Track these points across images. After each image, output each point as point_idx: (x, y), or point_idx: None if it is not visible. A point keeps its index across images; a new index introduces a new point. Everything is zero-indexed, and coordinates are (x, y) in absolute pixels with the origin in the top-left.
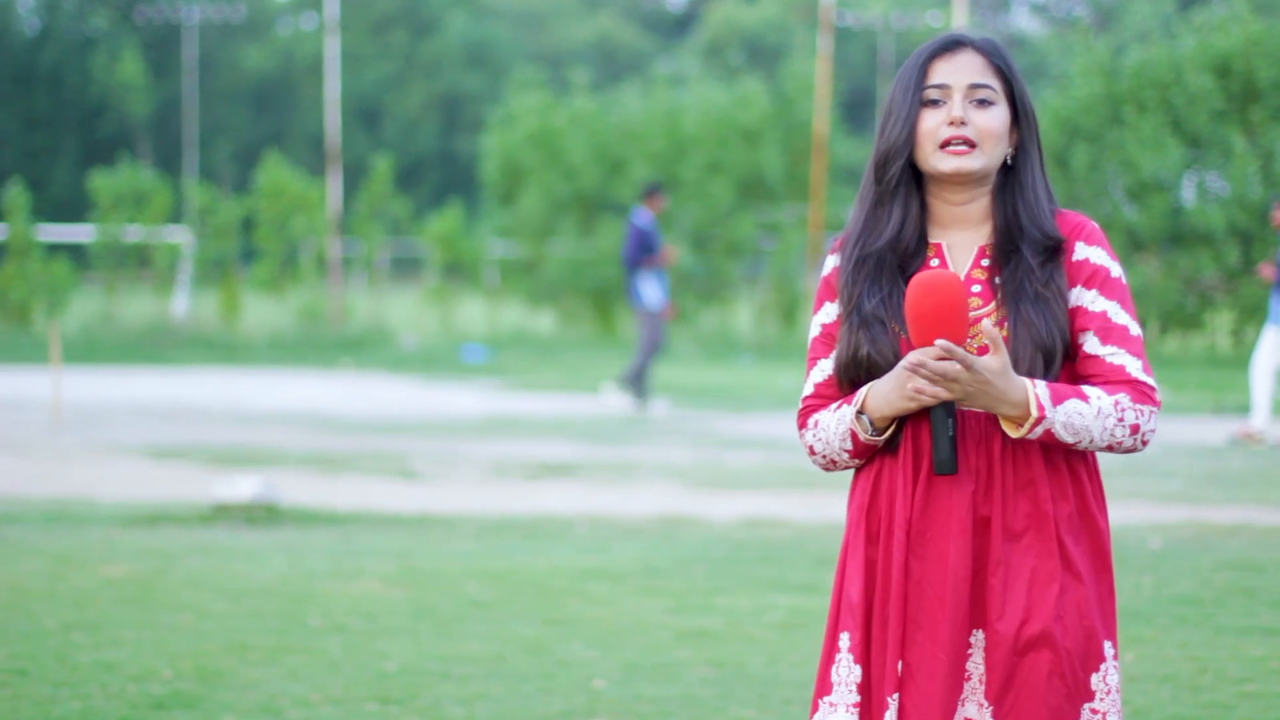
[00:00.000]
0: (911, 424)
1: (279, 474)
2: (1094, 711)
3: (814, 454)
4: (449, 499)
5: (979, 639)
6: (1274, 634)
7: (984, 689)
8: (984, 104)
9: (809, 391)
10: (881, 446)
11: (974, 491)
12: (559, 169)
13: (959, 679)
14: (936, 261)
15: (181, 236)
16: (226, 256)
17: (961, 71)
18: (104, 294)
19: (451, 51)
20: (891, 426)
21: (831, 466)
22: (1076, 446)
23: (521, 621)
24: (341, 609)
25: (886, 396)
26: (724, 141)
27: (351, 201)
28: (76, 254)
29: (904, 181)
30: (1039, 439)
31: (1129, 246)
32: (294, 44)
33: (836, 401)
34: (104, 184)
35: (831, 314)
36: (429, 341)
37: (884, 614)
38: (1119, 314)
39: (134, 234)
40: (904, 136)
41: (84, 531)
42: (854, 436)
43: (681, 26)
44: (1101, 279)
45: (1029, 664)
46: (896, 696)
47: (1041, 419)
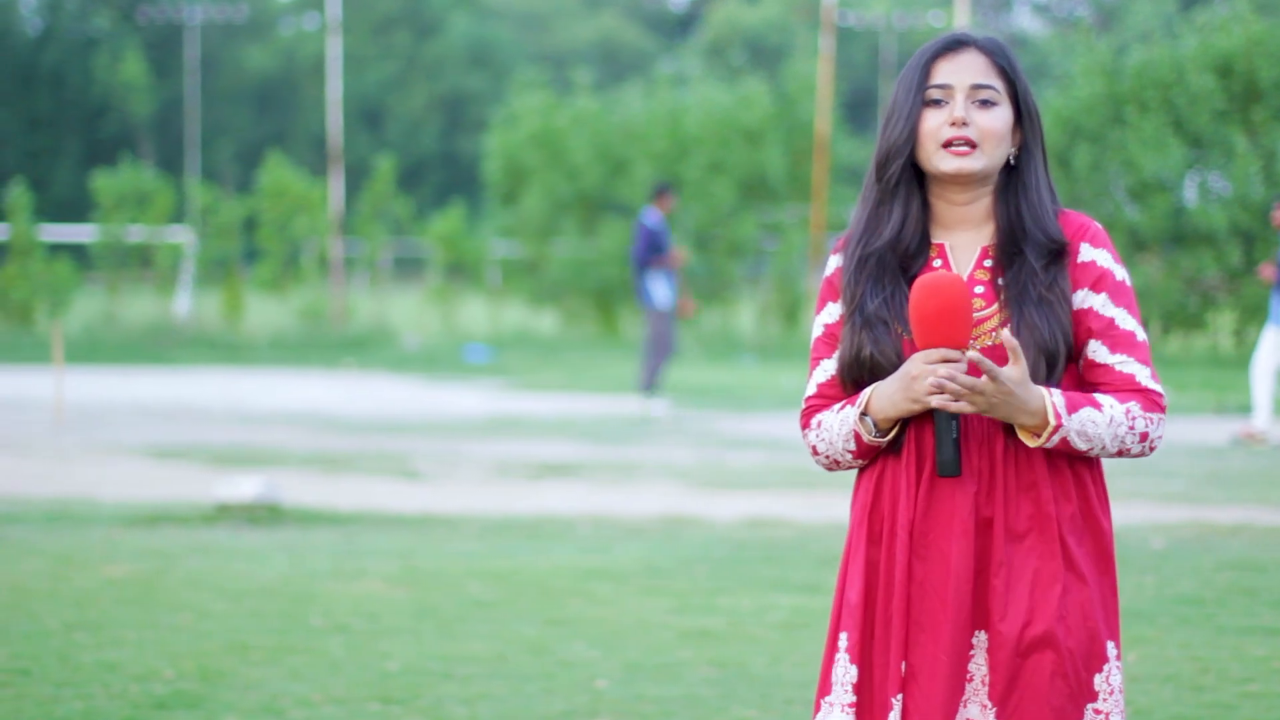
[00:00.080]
0: (915, 425)
1: (281, 474)
2: (1097, 712)
3: (817, 454)
4: (451, 499)
5: (981, 640)
6: (1276, 634)
7: (987, 690)
8: (986, 104)
9: (812, 392)
10: (885, 447)
11: (976, 493)
12: (561, 169)
13: (961, 680)
14: (939, 262)
15: (184, 236)
16: (229, 256)
17: (964, 71)
18: (106, 294)
19: (454, 52)
20: (895, 428)
21: (834, 467)
22: (1088, 454)
23: (524, 621)
24: (343, 609)
25: (891, 398)
26: (726, 141)
27: (354, 202)
28: (79, 254)
29: (905, 181)
30: (1053, 446)
31: (1131, 247)
32: (296, 44)
33: (840, 402)
34: (106, 184)
35: (834, 314)
36: (431, 341)
37: (886, 615)
38: (1127, 320)
39: (136, 234)
40: (905, 136)
41: (86, 531)
42: (857, 437)
43: (683, 27)
44: (1109, 283)
45: (1032, 665)
46: (900, 697)
47: (1059, 427)
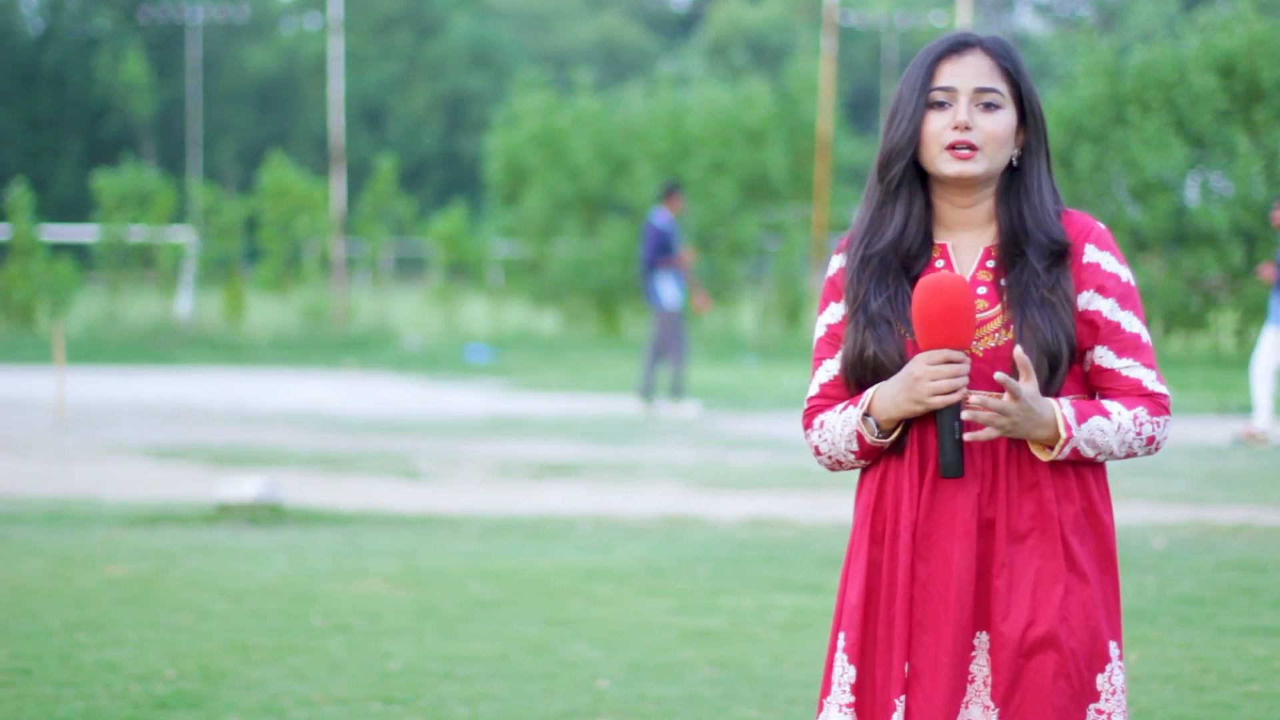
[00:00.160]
0: (917, 426)
1: (282, 474)
2: (1099, 712)
3: (820, 454)
4: (452, 499)
5: (983, 641)
6: (1277, 634)
7: (989, 691)
8: (990, 107)
9: (814, 392)
10: (887, 448)
11: (979, 494)
12: (563, 169)
13: (962, 681)
14: (941, 263)
15: (185, 236)
16: (230, 256)
17: (969, 74)
18: (108, 294)
19: (455, 52)
20: (898, 428)
21: (837, 467)
22: (1095, 460)
23: (525, 621)
24: (345, 609)
25: (894, 399)
26: (728, 141)
27: (355, 201)
28: (80, 254)
29: (907, 182)
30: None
31: (1133, 246)
32: (298, 44)
33: (842, 403)
34: (108, 184)
35: (837, 314)
36: (433, 341)
37: (889, 615)
38: (1133, 323)
39: (138, 234)
40: (908, 137)
41: (87, 531)
42: (860, 438)
43: (685, 26)
44: (1115, 287)
45: (1035, 666)
46: (904, 698)
47: (1070, 438)
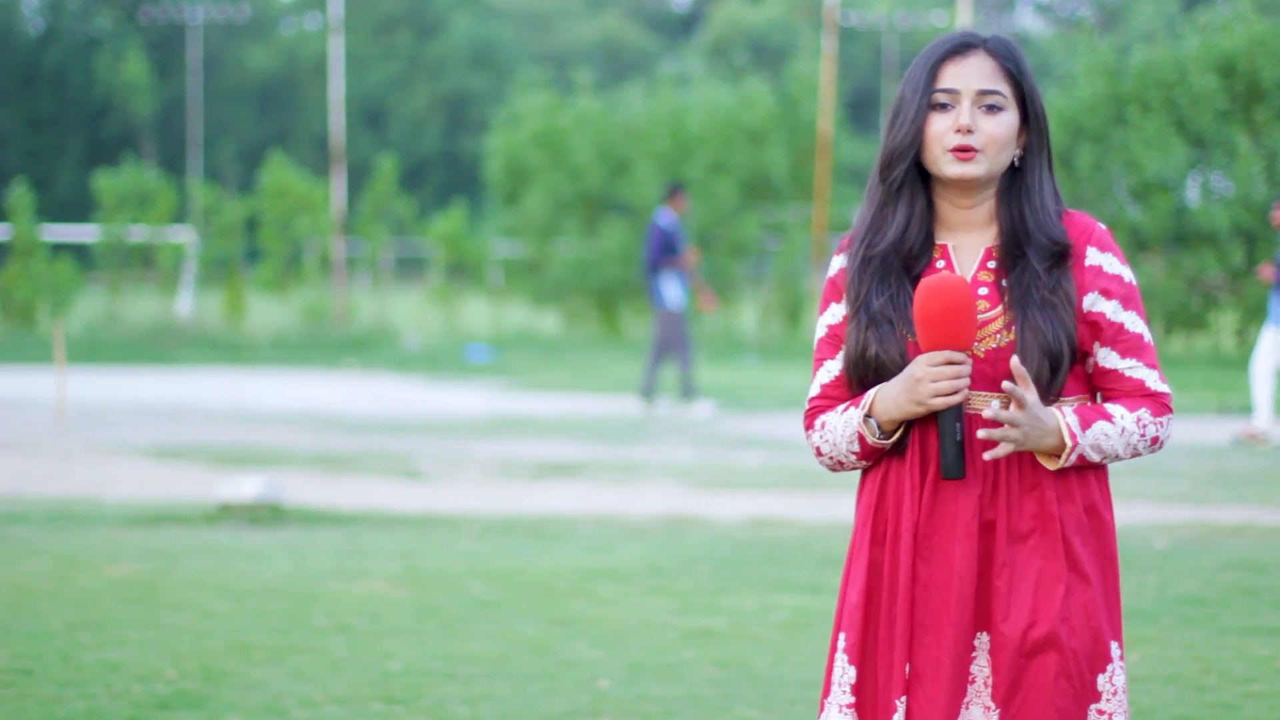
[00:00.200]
0: (919, 427)
1: (283, 474)
2: (1101, 712)
3: (821, 455)
4: (453, 499)
5: (983, 641)
6: (1278, 634)
7: (989, 691)
8: (992, 109)
9: (815, 393)
10: (889, 449)
11: (980, 494)
12: (563, 169)
13: (963, 681)
14: (942, 263)
15: (186, 236)
16: (231, 256)
17: (972, 76)
18: (108, 294)
19: (456, 52)
20: (899, 430)
21: (839, 467)
22: (1101, 463)
23: (526, 621)
24: (346, 609)
25: (895, 400)
26: (729, 142)
27: (356, 201)
28: (81, 254)
29: (909, 182)
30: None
31: (1133, 247)
32: (298, 44)
33: (844, 403)
34: (108, 184)
35: (838, 315)
36: (433, 341)
37: (890, 616)
38: (1136, 323)
39: (138, 234)
40: (910, 139)
41: (88, 531)
42: (861, 439)
43: (686, 27)
44: (1118, 289)
45: (1036, 666)
46: (905, 699)
47: (1075, 446)
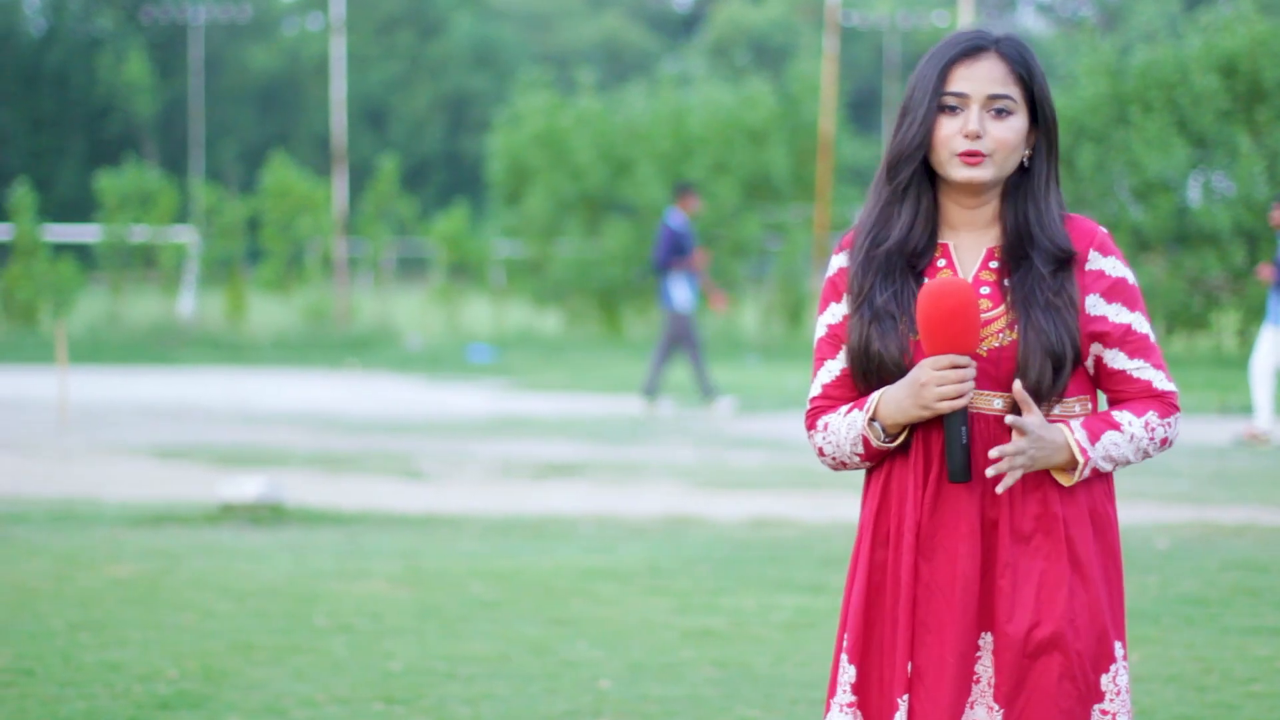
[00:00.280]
0: (922, 427)
1: (284, 474)
2: (1104, 713)
3: (823, 455)
4: (455, 499)
5: (987, 641)
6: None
7: (993, 692)
8: (1001, 113)
9: (817, 393)
10: (893, 449)
11: (983, 494)
12: (565, 169)
13: (967, 681)
14: (944, 262)
15: (187, 236)
16: (232, 256)
17: (982, 81)
18: (110, 294)
19: (457, 52)
20: (904, 432)
21: (841, 467)
22: (1113, 470)
23: (527, 621)
24: (347, 609)
25: (900, 404)
26: (730, 142)
27: (357, 201)
28: (82, 254)
29: (916, 182)
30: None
31: (1135, 246)
32: (300, 44)
33: (847, 404)
34: (110, 184)
35: (837, 315)
36: (434, 341)
37: (893, 615)
38: (1141, 324)
39: (140, 234)
40: (919, 141)
41: (90, 531)
42: (866, 442)
43: (687, 26)
44: (1122, 291)
45: (1040, 667)
46: (907, 698)
47: (1087, 461)
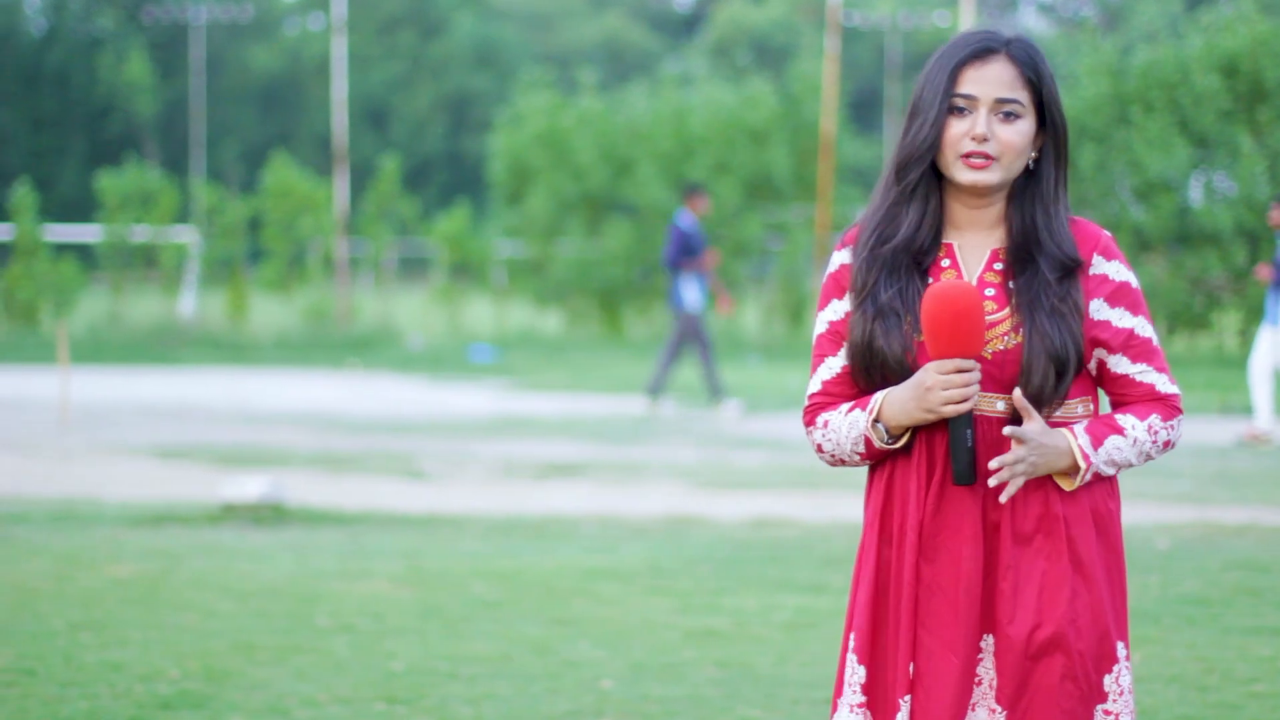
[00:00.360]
0: (925, 429)
1: (286, 474)
2: (1107, 713)
3: (822, 452)
4: (456, 499)
5: (989, 644)
6: None
7: (995, 693)
8: (1009, 117)
9: (816, 389)
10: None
11: (986, 495)
12: (566, 169)
13: (969, 683)
14: (947, 262)
15: (188, 236)
16: (234, 256)
17: (991, 84)
18: (111, 294)
19: (459, 52)
20: (907, 434)
21: (839, 464)
22: (1115, 473)
23: (529, 621)
24: (349, 609)
25: (904, 407)
26: (731, 142)
27: (359, 202)
28: (83, 254)
29: (924, 182)
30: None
31: (1136, 247)
32: (301, 44)
33: (847, 402)
34: (111, 184)
35: (839, 311)
36: (436, 341)
37: (896, 616)
38: (1144, 327)
39: (141, 234)
40: (929, 143)
41: (91, 531)
42: (868, 442)
43: (689, 27)
44: (1125, 295)
45: (1043, 668)
46: (909, 699)
47: (1090, 466)
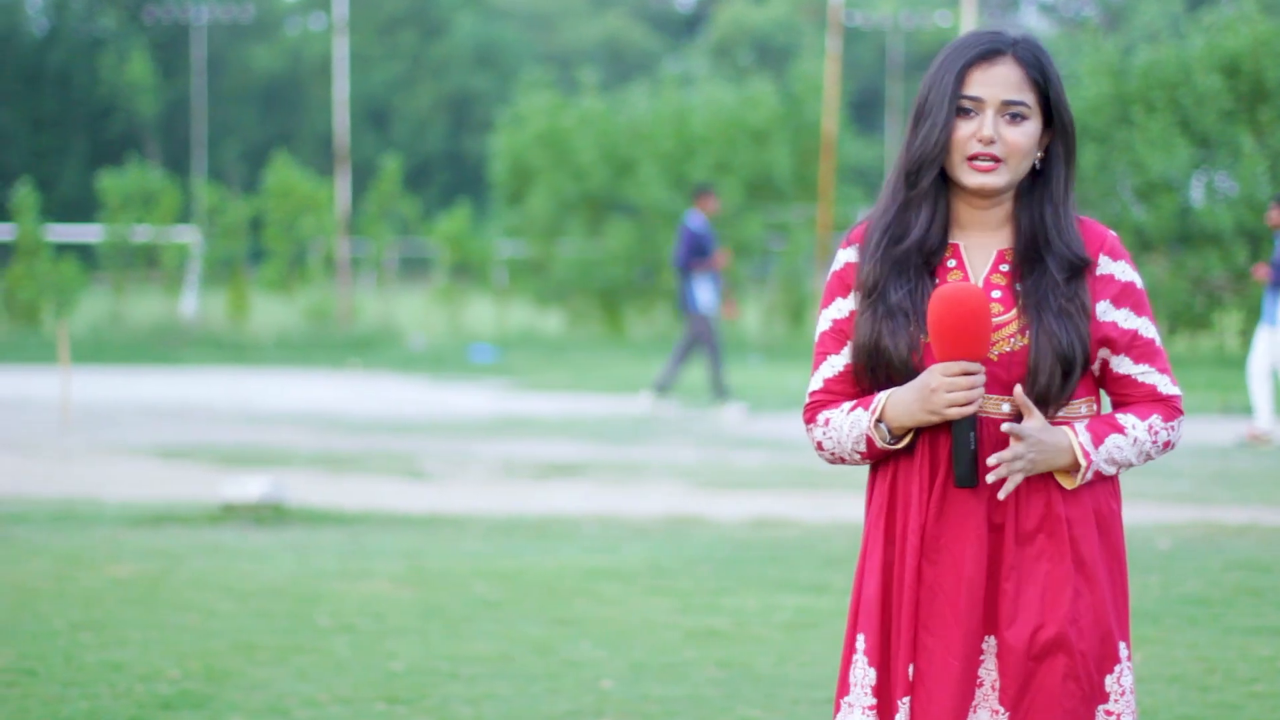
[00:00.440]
0: (928, 431)
1: (287, 474)
2: (1109, 713)
3: (822, 450)
4: (457, 499)
5: (990, 645)
6: None
7: (997, 695)
8: (1016, 118)
9: (818, 386)
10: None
11: (989, 497)
12: (567, 169)
13: (971, 685)
14: (954, 262)
15: (190, 236)
16: (235, 256)
17: (997, 85)
18: (112, 294)
19: (460, 52)
20: (909, 434)
21: (839, 462)
22: (1116, 473)
23: (529, 621)
24: (350, 609)
25: (908, 408)
26: (732, 142)
27: (360, 201)
28: (85, 254)
29: (933, 183)
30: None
31: (1138, 247)
32: (302, 44)
33: (850, 402)
34: (112, 184)
35: (843, 309)
36: (437, 341)
37: (898, 617)
38: (1148, 329)
39: (142, 234)
40: (940, 146)
41: (91, 531)
42: (869, 442)
43: (690, 26)
44: (1131, 296)
45: (1045, 669)
46: (908, 700)
47: (1090, 464)
